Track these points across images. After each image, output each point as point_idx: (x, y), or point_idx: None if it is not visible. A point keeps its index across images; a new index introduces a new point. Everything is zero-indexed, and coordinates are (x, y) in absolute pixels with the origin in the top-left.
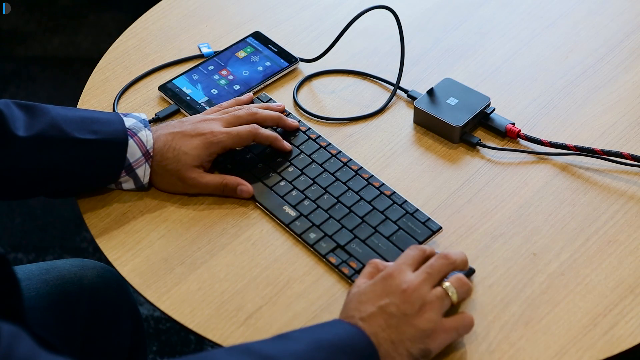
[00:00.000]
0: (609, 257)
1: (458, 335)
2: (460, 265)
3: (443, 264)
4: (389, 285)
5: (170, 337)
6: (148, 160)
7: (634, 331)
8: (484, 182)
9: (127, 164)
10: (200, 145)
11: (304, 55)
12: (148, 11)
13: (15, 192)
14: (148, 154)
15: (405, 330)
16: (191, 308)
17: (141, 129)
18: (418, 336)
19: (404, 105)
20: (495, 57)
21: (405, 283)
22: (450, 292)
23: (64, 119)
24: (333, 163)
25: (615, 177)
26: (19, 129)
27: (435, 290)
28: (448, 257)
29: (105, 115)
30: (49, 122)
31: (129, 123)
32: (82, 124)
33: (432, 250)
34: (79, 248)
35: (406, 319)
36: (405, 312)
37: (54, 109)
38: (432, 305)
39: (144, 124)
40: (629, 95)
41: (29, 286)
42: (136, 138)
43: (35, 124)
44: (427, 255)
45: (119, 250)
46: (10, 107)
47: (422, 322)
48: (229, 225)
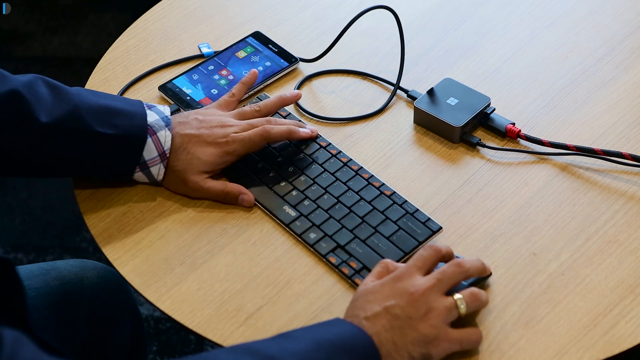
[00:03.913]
0: (609, 257)
1: (461, 348)
2: (475, 273)
3: (455, 272)
4: (397, 287)
5: (170, 337)
6: (163, 161)
7: (634, 331)
8: (484, 182)
9: (142, 161)
10: (215, 153)
11: (304, 55)
12: (148, 11)
13: (23, 172)
14: (164, 154)
15: (408, 333)
16: (191, 308)
17: (161, 128)
18: (420, 340)
19: (404, 105)
20: (495, 57)
21: (413, 287)
22: (460, 304)
23: (86, 108)
24: (333, 163)
25: (615, 177)
26: (41, 114)
27: (446, 299)
28: (462, 265)
29: (129, 106)
30: (72, 109)
31: (151, 119)
32: (103, 115)
33: (448, 250)
34: (79, 248)
35: (410, 322)
36: (410, 316)
37: (79, 94)
38: (438, 312)
39: (165, 123)
40: (629, 95)
41: (29, 286)
42: (155, 137)
43: (58, 109)
44: (442, 255)
45: (119, 250)
46: (39, 85)
47: (426, 328)
48: (229, 225)
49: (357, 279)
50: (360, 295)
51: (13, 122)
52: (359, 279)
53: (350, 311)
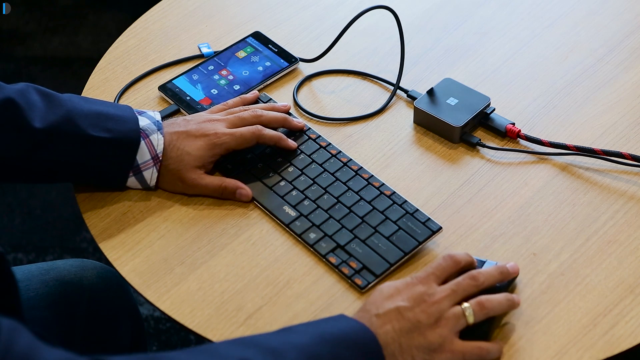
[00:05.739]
0: (609, 257)
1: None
2: (492, 283)
3: (470, 285)
4: (413, 291)
5: (170, 337)
6: (156, 165)
7: (634, 331)
8: (484, 182)
9: (135, 165)
10: (203, 146)
11: (304, 55)
12: (148, 11)
13: (19, 178)
14: (157, 157)
15: (415, 337)
16: (191, 308)
17: (154, 132)
18: (425, 347)
19: (404, 105)
20: (495, 57)
21: (428, 294)
22: (467, 313)
23: (79, 113)
24: (333, 163)
25: (615, 177)
26: (35, 119)
27: (454, 308)
28: (476, 279)
29: (120, 111)
30: (65, 115)
31: (142, 123)
32: (96, 120)
33: (467, 260)
34: (79, 248)
35: (419, 328)
36: (420, 321)
37: (71, 100)
38: (447, 321)
39: (157, 127)
40: (629, 95)
41: (28, 286)
42: (147, 140)
43: (51, 115)
44: (461, 267)
45: (119, 250)
46: (30, 93)
47: (433, 335)
48: (228, 226)
49: (357, 279)
50: (378, 292)
51: (8, 130)
52: (359, 279)
53: (363, 307)
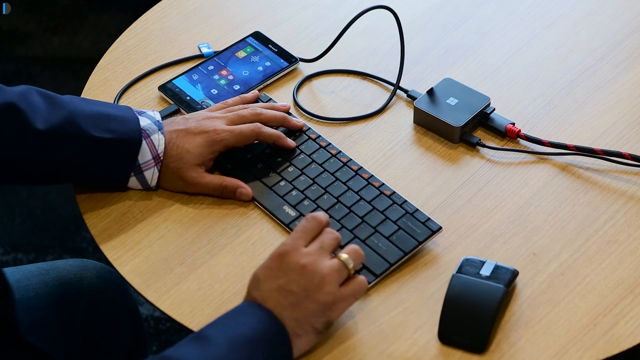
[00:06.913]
0: (609, 257)
1: (356, 300)
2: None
3: (332, 236)
4: (286, 262)
5: (170, 337)
6: (157, 165)
7: (634, 331)
8: (484, 182)
9: (136, 165)
10: (203, 143)
11: (304, 55)
12: (148, 11)
13: (22, 180)
14: (158, 157)
15: (307, 306)
16: (191, 308)
17: (154, 132)
18: (320, 310)
19: (404, 105)
20: (495, 57)
21: (302, 259)
22: (347, 262)
23: (81, 114)
24: (333, 163)
25: (615, 177)
26: (38, 121)
27: (333, 262)
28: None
29: (121, 112)
30: (67, 116)
31: (143, 123)
32: (98, 121)
33: (328, 219)
34: (79, 248)
35: (307, 295)
36: (306, 288)
37: (72, 102)
38: (331, 277)
39: (157, 127)
40: (629, 95)
41: (28, 287)
42: (149, 140)
43: (54, 117)
44: (324, 225)
45: (119, 250)
46: (32, 95)
47: (323, 296)
48: (228, 226)
49: None
50: (253, 280)
51: (11, 133)
52: None
53: (248, 294)
